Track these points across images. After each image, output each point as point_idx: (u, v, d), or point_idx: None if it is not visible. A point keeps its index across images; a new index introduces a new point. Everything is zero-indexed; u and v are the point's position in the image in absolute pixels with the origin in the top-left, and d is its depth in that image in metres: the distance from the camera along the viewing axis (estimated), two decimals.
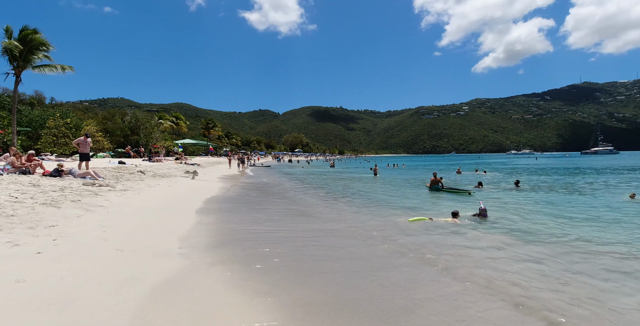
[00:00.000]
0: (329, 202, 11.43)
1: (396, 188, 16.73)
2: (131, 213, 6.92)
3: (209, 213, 7.96)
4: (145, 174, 15.80)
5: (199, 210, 8.24)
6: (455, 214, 7.52)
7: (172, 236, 5.39)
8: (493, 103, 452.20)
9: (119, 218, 6.32)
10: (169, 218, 6.88)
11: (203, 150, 60.56)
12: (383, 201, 11.76)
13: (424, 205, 11.03)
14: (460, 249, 5.49)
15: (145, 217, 6.73)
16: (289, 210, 9.34)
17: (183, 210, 8.03)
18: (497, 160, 74.42)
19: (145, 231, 5.57)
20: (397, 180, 22.20)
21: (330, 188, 16.07)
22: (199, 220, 6.94)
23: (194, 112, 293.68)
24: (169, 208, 7.97)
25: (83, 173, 11.82)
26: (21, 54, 17.87)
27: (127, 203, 8.01)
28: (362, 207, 10.20)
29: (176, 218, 6.96)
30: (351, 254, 5.05)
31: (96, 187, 10.11)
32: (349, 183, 19.02)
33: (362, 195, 13.75)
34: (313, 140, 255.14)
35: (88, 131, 32.36)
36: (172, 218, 6.92)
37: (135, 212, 7.05)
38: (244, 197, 11.96)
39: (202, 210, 8.19)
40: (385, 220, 7.97)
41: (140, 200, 8.72)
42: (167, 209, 7.86)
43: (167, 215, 7.20)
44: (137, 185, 11.69)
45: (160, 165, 23.85)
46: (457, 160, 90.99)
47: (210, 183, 15.81)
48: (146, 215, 6.86)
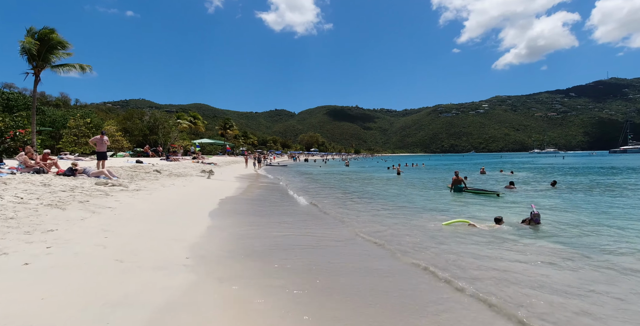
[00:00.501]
0: (349, 203, 10.69)
1: (418, 189, 15.81)
2: (139, 215, 6.41)
3: (222, 216, 7.39)
4: (161, 173, 15.51)
5: (212, 212, 7.68)
6: (499, 220, 6.63)
7: (180, 243, 4.81)
8: (514, 100, 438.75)
9: (125, 221, 5.81)
10: (178, 221, 6.33)
11: (220, 150, 60.88)
12: (406, 202, 10.93)
13: (450, 207, 10.15)
14: (511, 265, 4.65)
15: (153, 220, 6.20)
16: (307, 213, 8.68)
17: (195, 212, 7.49)
18: (521, 159, 71.58)
19: (150, 237, 5.01)
20: (421, 180, 21.24)
21: (349, 189, 15.33)
22: (211, 223, 6.36)
23: (212, 112, 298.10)
24: (180, 210, 7.44)
25: (97, 172, 11.54)
26: (39, 54, 17.95)
27: (137, 204, 7.54)
28: (385, 209, 9.43)
29: (187, 221, 6.40)
30: (383, 277, 4.31)
31: (108, 187, 9.75)
32: (369, 184, 18.22)
33: (383, 196, 12.95)
34: (329, 140, 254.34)
35: (108, 131, 32.83)
36: (182, 221, 6.37)
37: (143, 215, 6.54)
38: (260, 197, 11.38)
39: (215, 213, 7.63)
40: (411, 225, 7.18)
41: (151, 201, 8.25)
42: (178, 211, 7.33)
43: (177, 218, 6.66)
44: (151, 184, 11.30)
45: (177, 164, 23.71)
46: (478, 159, 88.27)
47: (226, 182, 15.36)
48: (154, 218, 6.34)
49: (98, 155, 13.11)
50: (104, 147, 13.09)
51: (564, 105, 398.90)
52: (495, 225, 6.57)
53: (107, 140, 13.31)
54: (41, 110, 34.15)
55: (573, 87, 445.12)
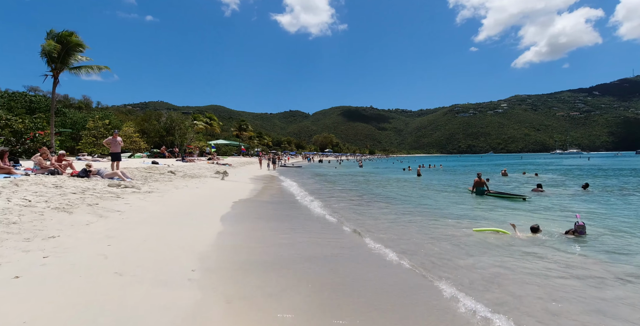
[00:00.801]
0: (367, 208, 10.17)
1: (438, 192, 15.12)
2: (148, 220, 6.09)
3: (234, 220, 7.01)
4: (176, 174, 15.37)
5: (224, 216, 7.32)
6: (536, 229, 5.99)
7: (187, 252, 4.43)
8: (535, 99, 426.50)
9: (132, 226, 5.50)
10: (188, 226, 5.98)
11: (235, 151, 61.22)
12: (428, 206, 10.33)
13: (475, 212, 9.50)
14: (559, 285, 4.06)
15: (162, 225, 5.87)
16: (323, 218, 8.21)
17: (206, 216, 7.14)
18: (543, 160, 69.09)
19: (157, 244, 4.65)
20: (440, 181, 20.49)
21: (367, 192, 14.78)
22: (222, 229, 5.99)
23: (228, 113, 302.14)
24: (191, 214, 7.11)
25: (111, 173, 11.42)
26: (59, 56, 18.19)
27: (147, 207, 7.25)
28: (405, 214, 8.87)
29: (197, 226, 6.05)
30: (409, 298, 3.81)
31: (120, 189, 9.56)
32: (386, 186, 17.62)
33: (402, 199, 12.36)
34: (343, 140, 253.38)
35: (126, 132, 33.30)
36: (192, 226, 6.02)
37: (152, 218, 6.23)
38: (275, 200, 11.00)
39: (227, 217, 7.26)
40: (437, 232, 6.61)
41: (162, 203, 7.97)
42: (189, 215, 7.00)
43: (187, 222, 6.31)
44: (164, 186, 11.09)
45: (192, 165, 23.70)
46: (497, 160, 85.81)
47: (240, 184, 15.08)
48: (163, 223, 6.01)
49: (112, 156, 13.04)
50: (117, 147, 13.00)
51: (587, 104, 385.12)
52: (532, 234, 5.94)
53: (121, 140, 13.21)
54: (62, 112, 35.02)
55: (597, 86, 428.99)
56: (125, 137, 32.65)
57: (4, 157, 10.24)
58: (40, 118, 19.30)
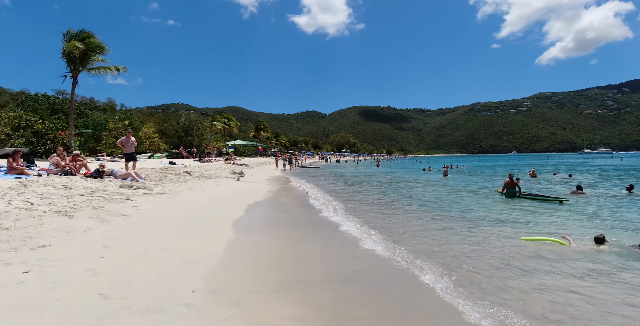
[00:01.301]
0: (394, 212, 9.38)
1: (466, 194, 14.12)
2: (153, 225, 5.56)
3: (248, 227, 6.40)
4: (191, 175, 15.02)
5: (237, 221, 6.72)
6: (601, 240, 5.07)
7: (190, 267, 3.82)
8: (560, 97, 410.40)
9: (134, 233, 4.96)
10: (196, 234, 5.39)
11: (253, 151, 61.31)
12: (459, 210, 9.43)
13: (512, 216, 8.56)
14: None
15: (167, 232, 5.32)
16: (346, 226, 7.50)
17: (217, 221, 6.56)
18: (573, 160, 65.79)
19: (156, 257, 4.07)
20: (468, 183, 19.39)
21: (389, 194, 13.94)
22: (233, 237, 5.37)
23: (246, 114, 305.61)
24: (201, 218, 6.55)
25: (124, 174, 11.10)
26: (78, 57, 18.22)
27: (155, 210, 6.75)
28: (435, 220, 8.03)
29: (205, 234, 5.46)
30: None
31: (132, 190, 9.16)
32: (413, 188, 16.72)
33: (428, 202, 11.47)
34: (360, 140, 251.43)
35: (145, 133, 33.63)
36: (200, 234, 5.43)
37: (158, 224, 5.69)
38: (291, 203, 10.35)
39: (240, 222, 6.66)
40: (475, 242, 5.77)
41: (172, 206, 7.46)
42: (199, 220, 6.43)
43: (195, 229, 5.74)
44: (178, 187, 10.66)
45: (209, 165, 23.48)
46: (523, 160, 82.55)
47: (256, 185, 14.56)
48: (169, 229, 5.46)
49: (126, 157, 12.75)
50: (131, 148, 12.69)
51: (616, 102, 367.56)
52: (597, 246, 5.02)
53: (134, 140, 12.89)
54: (85, 113, 35.75)
55: (627, 82, 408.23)
56: (145, 137, 32.98)
57: (17, 157, 10.07)
58: (60, 119, 19.40)
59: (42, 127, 18.25)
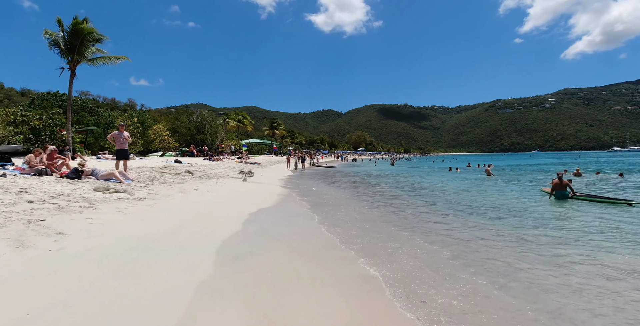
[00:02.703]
0: (445, 225, 7.25)
1: (517, 197, 11.80)
2: (91, 252, 3.67)
3: (238, 251, 4.42)
4: (193, 175, 13.30)
5: (227, 241, 4.77)
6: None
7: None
8: (587, 93, 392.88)
9: (46, 269, 3.07)
10: (150, 269, 3.45)
11: (267, 149, 59.88)
12: (533, 223, 7.21)
13: (590, 223, 6.29)
14: None
15: (107, 263, 3.41)
16: (379, 248, 5.44)
17: (198, 240, 4.63)
18: (607, 159, 61.12)
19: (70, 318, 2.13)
20: (515, 183, 16.97)
21: (426, 199, 11.77)
22: (208, 275, 3.40)
23: (262, 114, 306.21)
24: (175, 238, 4.63)
25: (107, 174, 9.40)
26: (73, 47, 16.83)
27: (114, 225, 4.89)
28: (501, 238, 5.87)
29: (166, 269, 3.50)
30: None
31: (107, 194, 7.42)
32: (449, 188, 14.48)
33: (478, 208, 9.26)
34: (377, 139, 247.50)
35: (155, 130, 32.42)
36: (157, 268, 3.48)
37: (103, 249, 3.81)
38: (306, 213, 8.28)
39: (231, 243, 4.71)
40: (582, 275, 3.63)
41: (146, 217, 5.60)
42: (170, 239, 4.52)
43: (155, 257, 3.81)
44: (168, 190, 8.87)
45: (217, 164, 21.85)
46: (551, 158, 77.92)
47: (265, 187, 12.65)
48: (114, 259, 3.55)
49: (117, 154, 11.06)
50: (124, 143, 10.99)
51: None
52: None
53: (128, 136, 11.18)
54: (95, 111, 34.91)
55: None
56: (155, 135, 31.78)
57: None
58: (57, 114, 18.10)
59: (39, 123, 16.96)
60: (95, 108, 35.15)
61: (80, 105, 32.96)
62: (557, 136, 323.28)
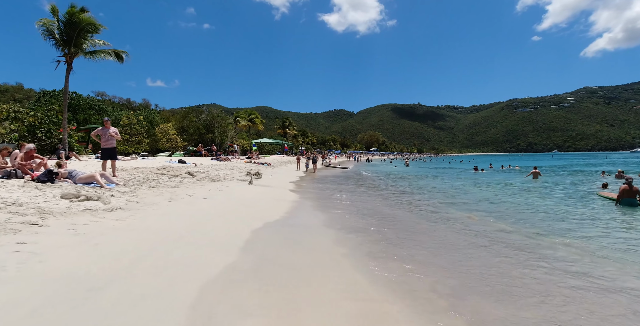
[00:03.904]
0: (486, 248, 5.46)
1: (566, 202, 9.87)
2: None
3: (221, 307, 2.75)
4: (194, 177, 11.79)
5: (209, 284, 3.11)
6: None
7: None
8: (608, 91, 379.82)
9: None
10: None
11: (279, 149, 58.54)
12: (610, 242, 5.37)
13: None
14: None
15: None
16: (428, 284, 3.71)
17: (165, 286, 2.97)
18: (638, 160, 57.45)
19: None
20: (560, 186, 14.99)
21: (471, 206, 9.94)
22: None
23: (274, 114, 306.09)
24: (125, 281, 2.99)
25: (86, 177, 7.91)
26: (70, 38, 15.57)
27: (49, 256, 3.30)
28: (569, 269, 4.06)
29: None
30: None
31: (75, 202, 5.92)
32: (494, 192, 12.63)
33: (535, 219, 7.43)
34: (389, 139, 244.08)
35: (162, 128, 31.24)
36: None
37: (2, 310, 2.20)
38: (326, 233, 6.57)
39: (214, 290, 3.03)
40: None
41: (100, 240, 3.99)
42: (114, 285, 2.87)
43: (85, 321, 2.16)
44: (156, 196, 7.31)
45: (224, 164, 20.39)
46: (576, 159, 74.29)
47: (274, 191, 11.01)
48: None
49: (102, 153, 9.59)
50: (110, 141, 9.52)
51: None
52: None
53: (116, 132, 9.70)
54: (103, 109, 34.07)
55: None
56: (162, 134, 30.63)
57: None
58: (53, 110, 16.89)
59: (34, 119, 15.78)
60: (103, 107, 34.34)
61: (87, 104, 32.12)
62: (576, 136, 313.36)
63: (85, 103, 32.03)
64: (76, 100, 30.54)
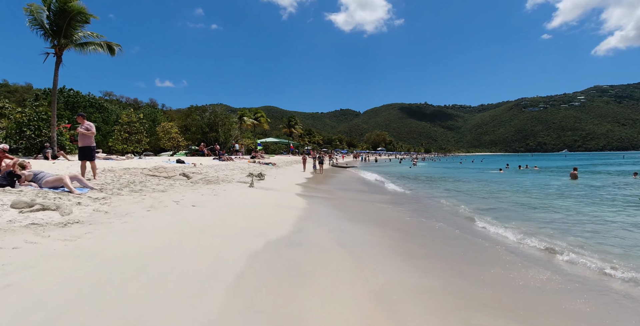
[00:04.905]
0: None
1: (611, 207, 8.39)
2: None
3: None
4: (189, 178, 10.52)
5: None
6: None
7: None
8: (619, 90, 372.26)
9: None
10: None
11: (284, 149, 57.32)
12: None
13: None
14: None
15: None
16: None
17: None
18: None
19: None
20: (595, 188, 13.42)
21: (509, 215, 8.52)
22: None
23: (280, 113, 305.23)
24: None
25: (54, 180, 6.64)
26: (60, 28, 14.41)
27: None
28: None
29: None
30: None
31: (26, 213, 4.66)
32: (528, 197, 11.17)
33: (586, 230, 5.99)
34: (396, 139, 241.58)
35: (163, 127, 30.10)
36: None
37: None
38: (344, 250, 5.20)
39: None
40: None
41: (17, 278, 2.69)
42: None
43: None
44: (134, 203, 6.02)
45: (226, 164, 19.13)
46: (590, 159, 71.88)
47: (278, 195, 9.67)
48: None
49: (80, 153, 8.31)
50: (86, 139, 8.20)
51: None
52: None
53: (89, 127, 8.32)
54: (104, 107, 33.07)
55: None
56: (163, 132, 29.52)
57: None
58: (42, 106, 15.75)
59: (21, 116, 14.67)
60: (104, 105, 33.33)
61: (88, 102, 31.13)
62: (586, 136, 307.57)
63: (85, 101, 31.02)
64: (74, 97, 29.53)
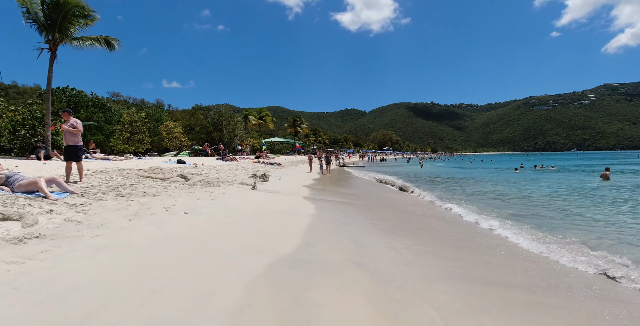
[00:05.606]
0: None
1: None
2: None
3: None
4: (188, 180, 9.72)
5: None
6: None
7: None
8: (630, 88, 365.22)
9: None
10: None
11: (290, 148, 56.56)
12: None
13: None
14: None
15: None
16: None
17: None
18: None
19: None
20: (630, 189, 12.38)
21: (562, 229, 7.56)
22: None
23: (286, 113, 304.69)
24: None
25: (28, 184, 5.83)
26: (55, 22, 13.71)
27: None
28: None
29: None
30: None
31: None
32: (563, 200, 10.19)
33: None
34: (402, 138, 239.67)
35: (167, 126, 29.43)
36: None
37: None
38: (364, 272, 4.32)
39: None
40: None
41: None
42: None
43: None
44: (116, 210, 5.20)
45: (229, 165, 18.35)
46: (608, 159, 69.90)
47: (283, 199, 8.80)
48: None
49: (65, 152, 7.52)
50: (70, 138, 7.41)
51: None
52: None
53: (74, 125, 7.49)
54: (107, 106, 32.53)
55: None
56: (166, 132, 28.87)
57: None
58: (36, 104, 15.08)
59: (14, 114, 14.01)
60: (107, 105, 32.80)
61: (91, 101, 30.60)
62: (596, 134, 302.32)
63: (88, 100, 30.48)
64: (76, 97, 29.00)
